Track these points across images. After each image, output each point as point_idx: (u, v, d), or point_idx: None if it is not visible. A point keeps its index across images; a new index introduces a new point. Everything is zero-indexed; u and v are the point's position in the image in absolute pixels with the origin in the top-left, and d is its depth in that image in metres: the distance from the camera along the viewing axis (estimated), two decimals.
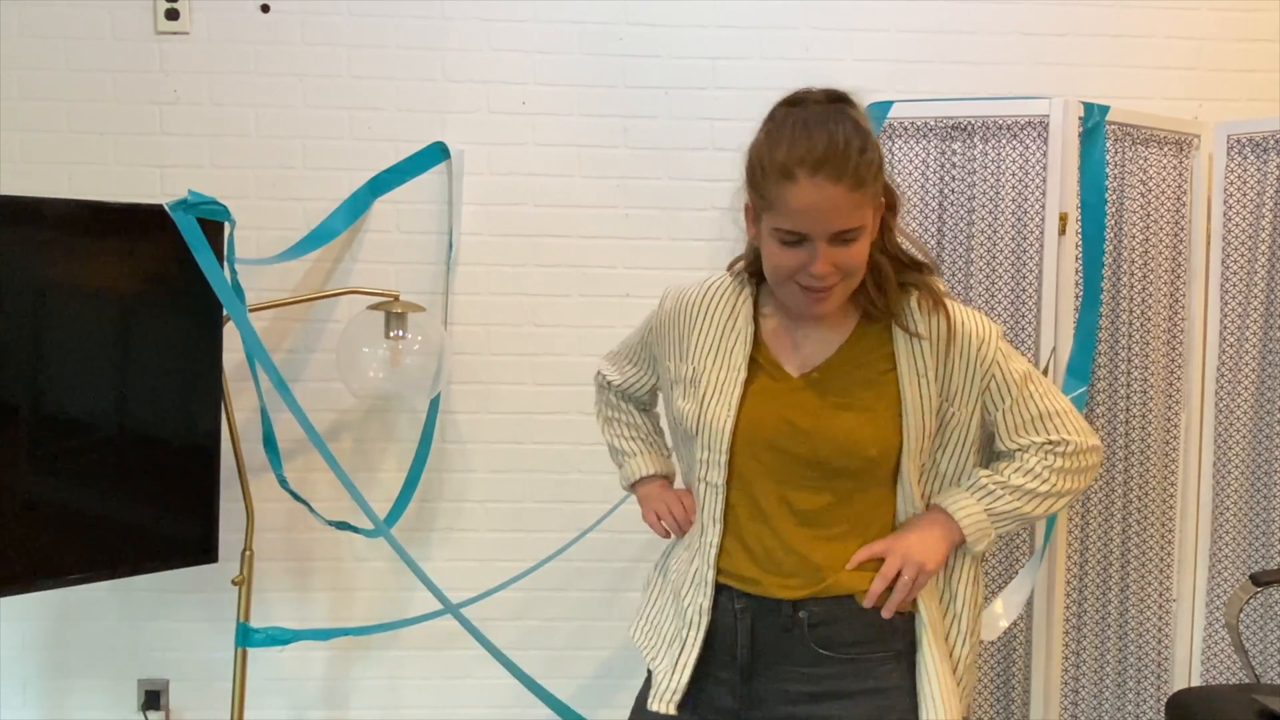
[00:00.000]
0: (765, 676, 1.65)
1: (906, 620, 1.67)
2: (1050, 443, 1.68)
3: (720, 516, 1.65)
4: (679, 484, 1.91)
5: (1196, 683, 3.04)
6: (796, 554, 1.63)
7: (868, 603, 1.61)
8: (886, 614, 1.62)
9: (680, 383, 1.71)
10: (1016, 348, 2.88)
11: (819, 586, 1.62)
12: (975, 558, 1.72)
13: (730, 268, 1.78)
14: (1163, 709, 2.80)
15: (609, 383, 1.98)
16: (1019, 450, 1.70)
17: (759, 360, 1.67)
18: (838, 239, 1.54)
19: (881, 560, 1.63)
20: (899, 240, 1.67)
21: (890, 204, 1.65)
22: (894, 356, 1.64)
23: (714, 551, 1.66)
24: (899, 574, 1.61)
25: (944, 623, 1.69)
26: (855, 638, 1.63)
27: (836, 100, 1.59)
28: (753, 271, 1.72)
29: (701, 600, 1.65)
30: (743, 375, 1.65)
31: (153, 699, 3.13)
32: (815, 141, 1.52)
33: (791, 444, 1.62)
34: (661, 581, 1.81)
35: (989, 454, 1.76)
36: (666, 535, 1.84)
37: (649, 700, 1.67)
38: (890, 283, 1.64)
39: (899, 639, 1.66)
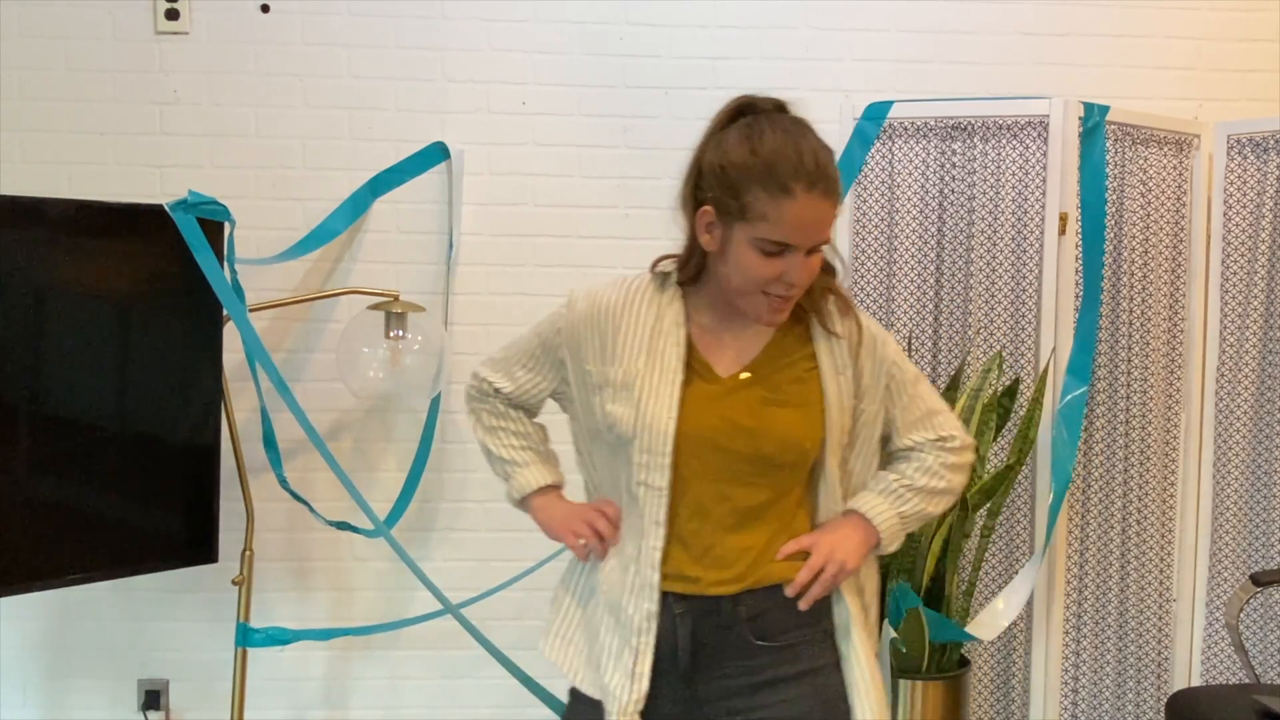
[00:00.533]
0: (706, 676, 1.68)
1: (826, 602, 1.74)
2: (940, 439, 1.78)
3: (664, 519, 1.66)
4: (571, 493, 1.89)
5: (1196, 683, 3.04)
6: (736, 548, 1.67)
7: (790, 592, 1.67)
8: (804, 605, 1.68)
9: (609, 386, 1.70)
10: (1016, 348, 2.88)
11: (754, 578, 1.67)
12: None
13: (653, 267, 1.78)
14: (1163, 709, 2.80)
15: (495, 390, 1.88)
16: (914, 449, 1.79)
17: (691, 362, 1.70)
18: (813, 249, 1.61)
19: (808, 553, 1.70)
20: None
21: None
22: (815, 355, 1.71)
23: (657, 555, 1.66)
24: (823, 568, 1.68)
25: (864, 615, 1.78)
26: (787, 624, 1.69)
27: (786, 110, 1.70)
28: (685, 274, 1.74)
29: (649, 605, 1.66)
30: (679, 377, 1.67)
31: (153, 699, 3.13)
32: (806, 157, 1.59)
33: (735, 442, 1.66)
34: (585, 596, 1.79)
35: (883, 456, 1.83)
36: (585, 558, 1.77)
37: (611, 713, 1.67)
38: (816, 285, 1.70)
39: (824, 619, 1.73)
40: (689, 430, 1.66)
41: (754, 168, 1.59)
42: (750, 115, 1.67)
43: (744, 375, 1.69)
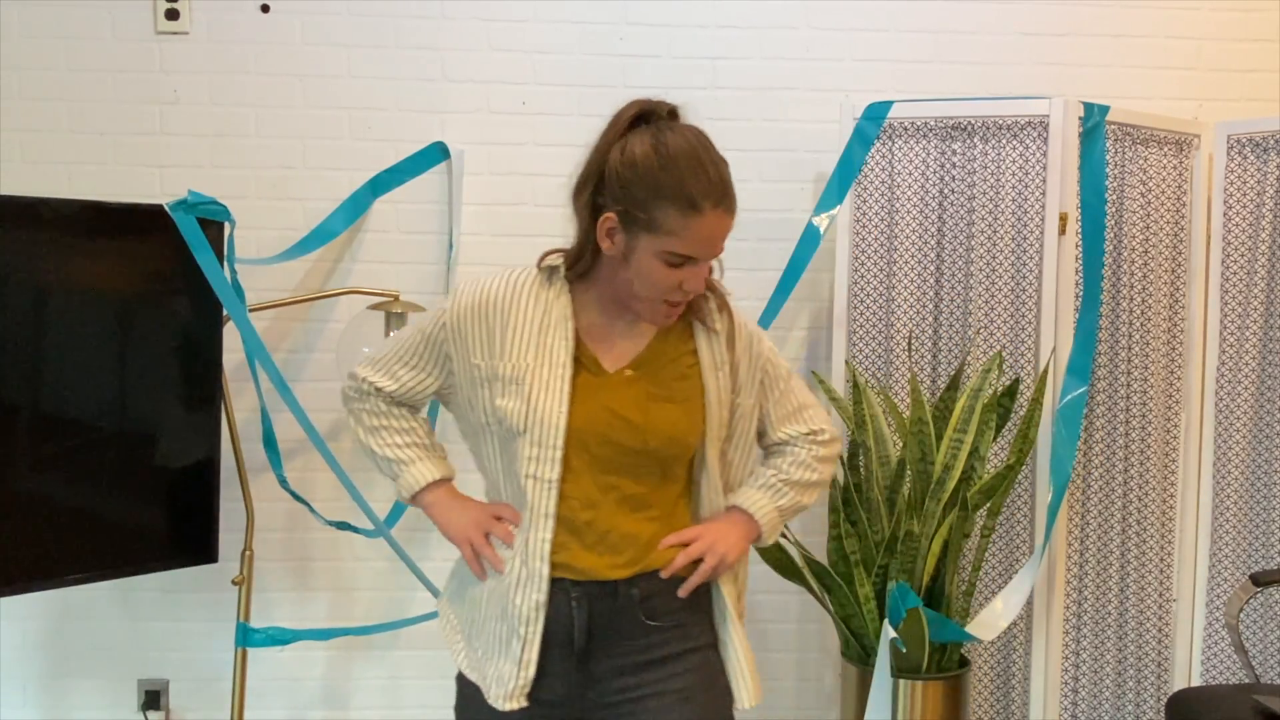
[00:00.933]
0: (600, 656, 1.74)
1: (707, 588, 1.83)
2: (811, 433, 1.89)
3: (552, 511, 1.71)
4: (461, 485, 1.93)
5: (1196, 683, 3.04)
6: (626, 535, 1.74)
7: (665, 573, 1.75)
8: (682, 593, 1.76)
9: (498, 380, 1.74)
10: (1016, 348, 2.88)
11: (644, 564, 1.75)
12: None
13: (540, 261, 1.79)
14: (1163, 709, 2.80)
15: (376, 389, 1.87)
16: (787, 443, 1.89)
17: (579, 357, 1.74)
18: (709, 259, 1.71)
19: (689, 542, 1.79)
20: None
21: None
22: (697, 352, 1.79)
23: (547, 547, 1.71)
24: (703, 558, 1.77)
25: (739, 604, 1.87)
26: (674, 606, 1.77)
27: (678, 118, 1.75)
28: (575, 270, 1.77)
29: (537, 596, 1.71)
30: (569, 371, 1.72)
31: (153, 699, 3.13)
32: (713, 174, 1.66)
33: (623, 437, 1.72)
34: (474, 583, 1.83)
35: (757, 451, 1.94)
36: (483, 576, 1.79)
37: (495, 703, 1.72)
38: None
39: (705, 603, 1.83)
40: (578, 424, 1.71)
41: (665, 185, 1.64)
42: (650, 123, 1.72)
43: (629, 372, 1.76)
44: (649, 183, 1.64)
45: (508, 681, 1.72)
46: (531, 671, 1.71)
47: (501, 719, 1.73)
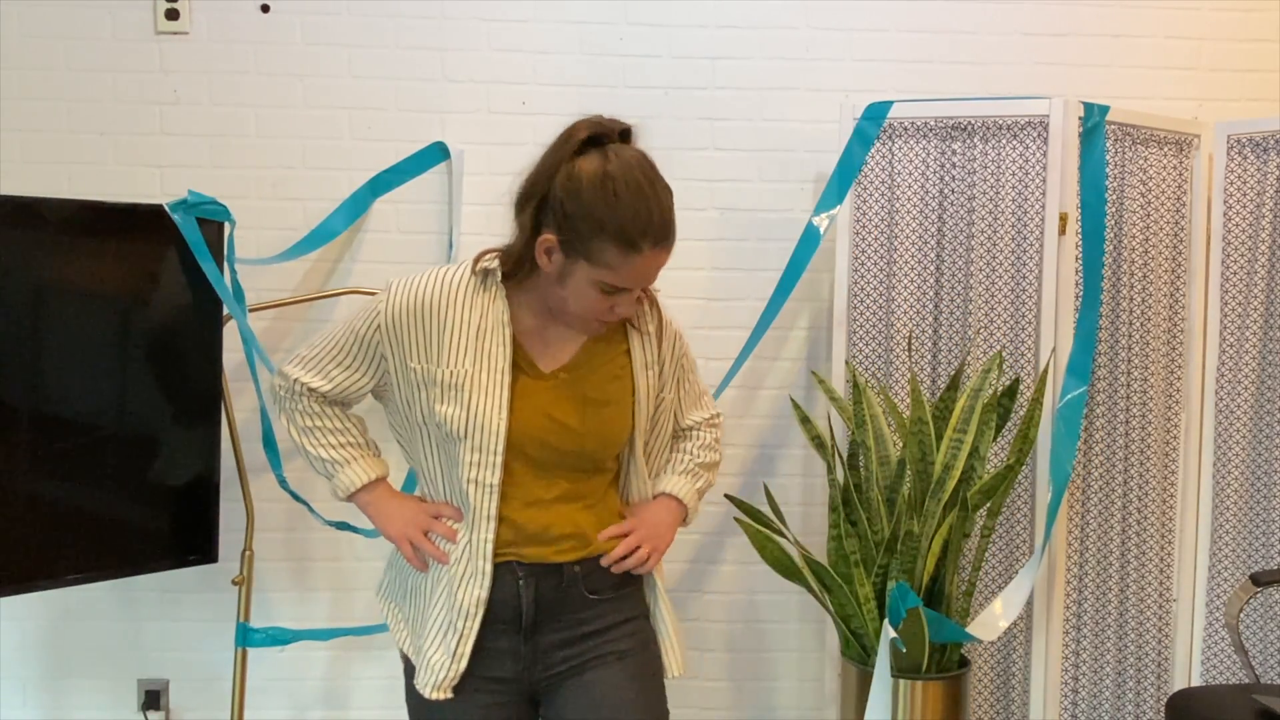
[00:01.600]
0: (546, 630, 1.83)
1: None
2: (710, 417, 2.04)
3: (494, 513, 1.77)
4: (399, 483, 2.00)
5: (1196, 683, 3.04)
6: (567, 526, 1.82)
7: (606, 562, 1.85)
8: (617, 570, 1.86)
9: (436, 385, 1.75)
10: (1016, 348, 2.88)
11: (586, 550, 1.84)
12: None
13: (475, 262, 1.79)
14: (1163, 709, 2.80)
15: (309, 390, 1.85)
16: (693, 428, 2.02)
17: (517, 360, 1.78)
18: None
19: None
20: None
21: None
22: (629, 353, 1.87)
23: (490, 546, 1.78)
24: (639, 546, 1.88)
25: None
26: (613, 581, 1.87)
27: (630, 139, 1.74)
28: (512, 276, 1.77)
29: (479, 592, 1.77)
30: (508, 377, 1.75)
31: (153, 699, 3.13)
32: (654, 212, 1.66)
33: (560, 440, 1.78)
34: (416, 580, 1.88)
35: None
36: (424, 568, 1.85)
37: (422, 689, 1.80)
38: None
39: (637, 576, 1.93)
40: (517, 430, 1.75)
41: (607, 224, 1.64)
42: (601, 146, 1.69)
43: (563, 375, 1.80)
44: (592, 217, 1.64)
45: (438, 671, 1.78)
46: (463, 665, 1.77)
47: (448, 706, 1.80)
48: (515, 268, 1.75)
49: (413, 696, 1.86)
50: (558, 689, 1.85)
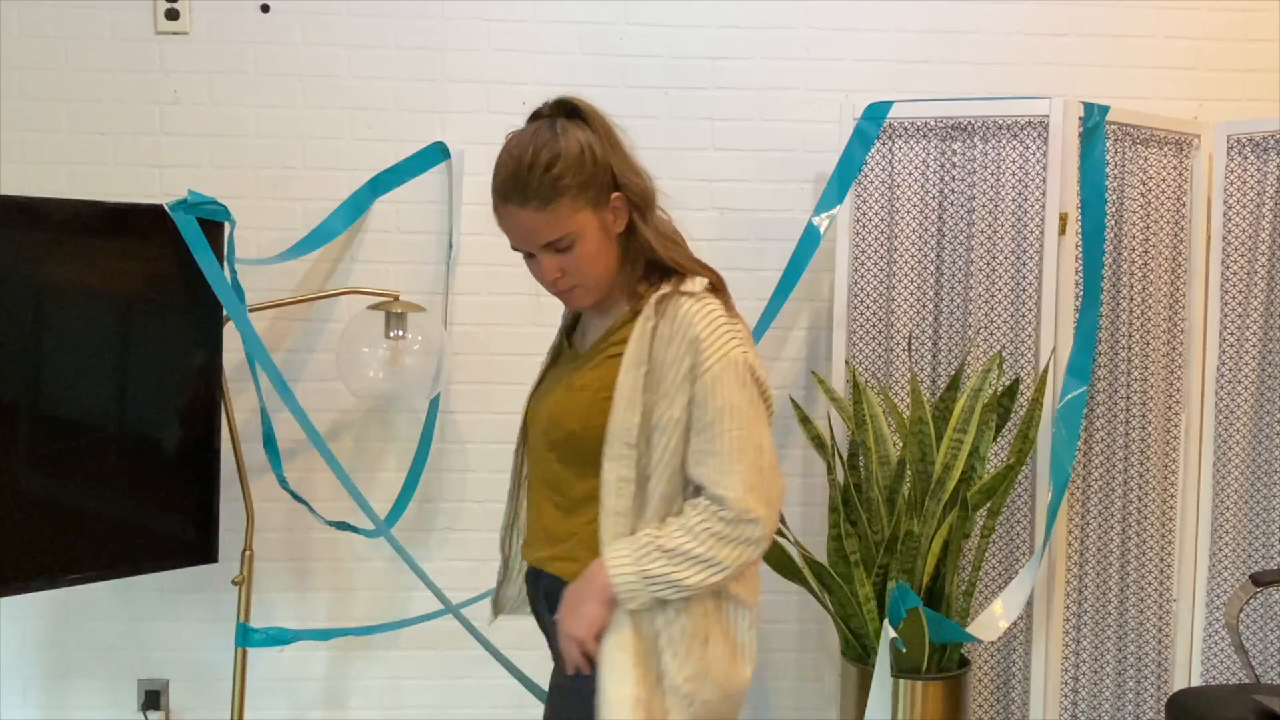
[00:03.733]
0: (549, 621, 1.83)
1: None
2: (716, 497, 1.64)
3: (516, 493, 1.95)
4: None
5: (1196, 683, 3.04)
6: (542, 523, 1.82)
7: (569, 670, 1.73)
8: (569, 671, 1.72)
9: None
10: (1016, 348, 2.87)
11: (545, 555, 1.81)
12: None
13: None
14: (1163, 709, 2.80)
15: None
16: (697, 494, 1.68)
17: (561, 348, 1.91)
18: (553, 250, 1.71)
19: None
20: (648, 238, 1.77)
21: (636, 205, 1.76)
22: (626, 343, 1.72)
23: (520, 522, 1.94)
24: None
25: (645, 642, 1.69)
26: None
27: (562, 113, 1.76)
28: None
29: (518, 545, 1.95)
30: (544, 367, 1.91)
31: (153, 699, 3.13)
32: (503, 170, 1.69)
33: (535, 422, 1.84)
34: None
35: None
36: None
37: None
38: (629, 274, 1.77)
39: None
40: (528, 414, 1.88)
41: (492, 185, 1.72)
42: (527, 124, 1.78)
43: (577, 358, 1.83)
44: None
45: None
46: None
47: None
48: None
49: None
50: None
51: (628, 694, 1.64)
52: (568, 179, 1.67)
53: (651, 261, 1.77)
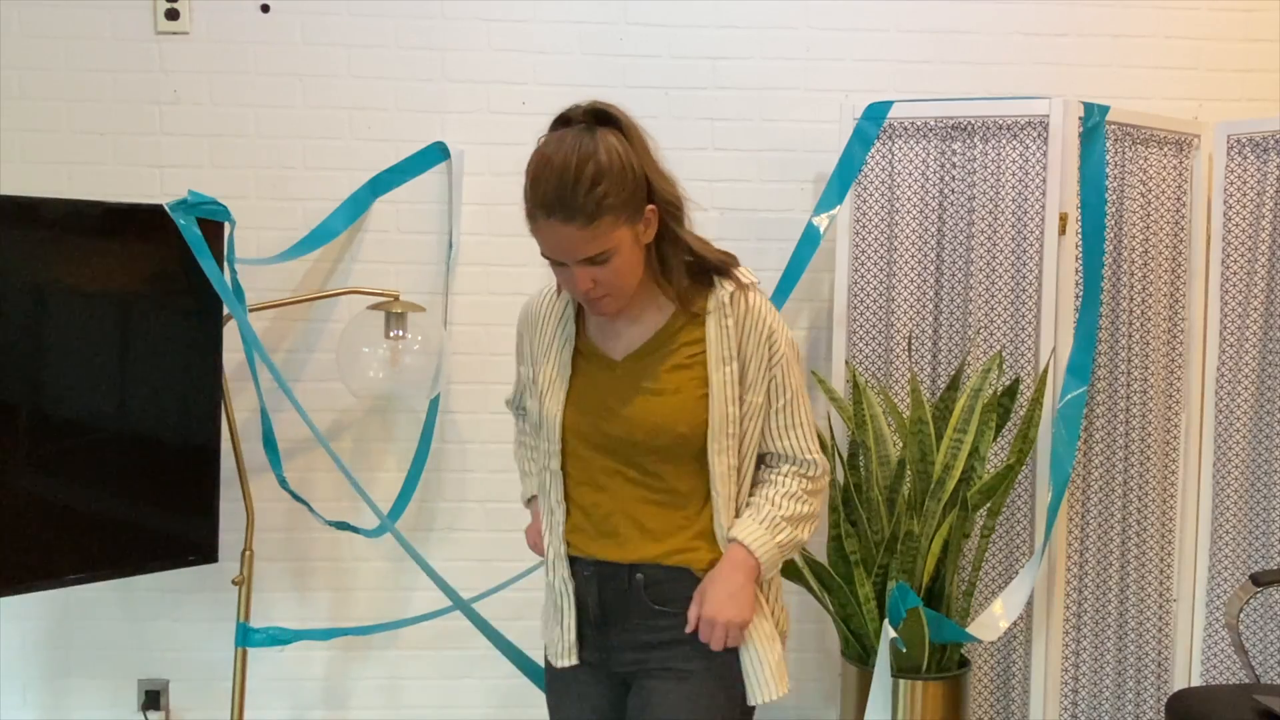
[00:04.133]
0: (615, 630, 1.86)
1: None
2: (803, 462, 1.86)
3: (563, 498, 1.86)
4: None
5: (1196, 683, 3.04)
6: (632, 521, 1.82)
7: (689, 630, 1.81)
8: (717, 647, 1.80)
9: (532, 384, 1.91)
10: (1016, 348, 2.87)
11: (653, 553, 1.82)
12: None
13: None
14: (1163, 709, 2.80)
15: (509, 400, 2.14)
16: (776, 468, 1.87)
17: (583, 351, 1.86)
18: (589, 262, 1.71)
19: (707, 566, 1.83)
20: (689, 243, 1.82)
21: (671, 213, 1.79)
22: (705, 341, 1.81)
23: (562, 528, 1.86)
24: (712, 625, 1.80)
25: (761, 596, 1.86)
26: (684, 593, 1.82)
27: (597, 121, 1.73)
28: None
29: (563, 573, 1.87)
30: (569, 370, 1.85)
31: (153, 699, 3.13)
32: (547, 184, 1.68)
33: (612, 427, 1.81)
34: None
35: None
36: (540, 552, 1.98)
37: (554, 658, 1.91)
38: (679, 280, 1.81)
39: None
40: (573, 419, 1.83)
41: (525, 192, 1.74)
42: (554, 131, 1.76)
43: (629, 362, 1.82)
44: (523, 190, 1.75)
45: (557, 643, 1.89)
46: (571, 637, 1.87)
47: (564, 674, 1.91)
48: None
49: (546, 671, 1.98)
50: (629, 685, 1.89)
51: (779, 653, 1.85)
52: (611, 197, 1.68)
53: (691, 261, 1.82)
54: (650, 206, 1.75)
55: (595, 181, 1.66)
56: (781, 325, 1.84)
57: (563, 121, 1.75)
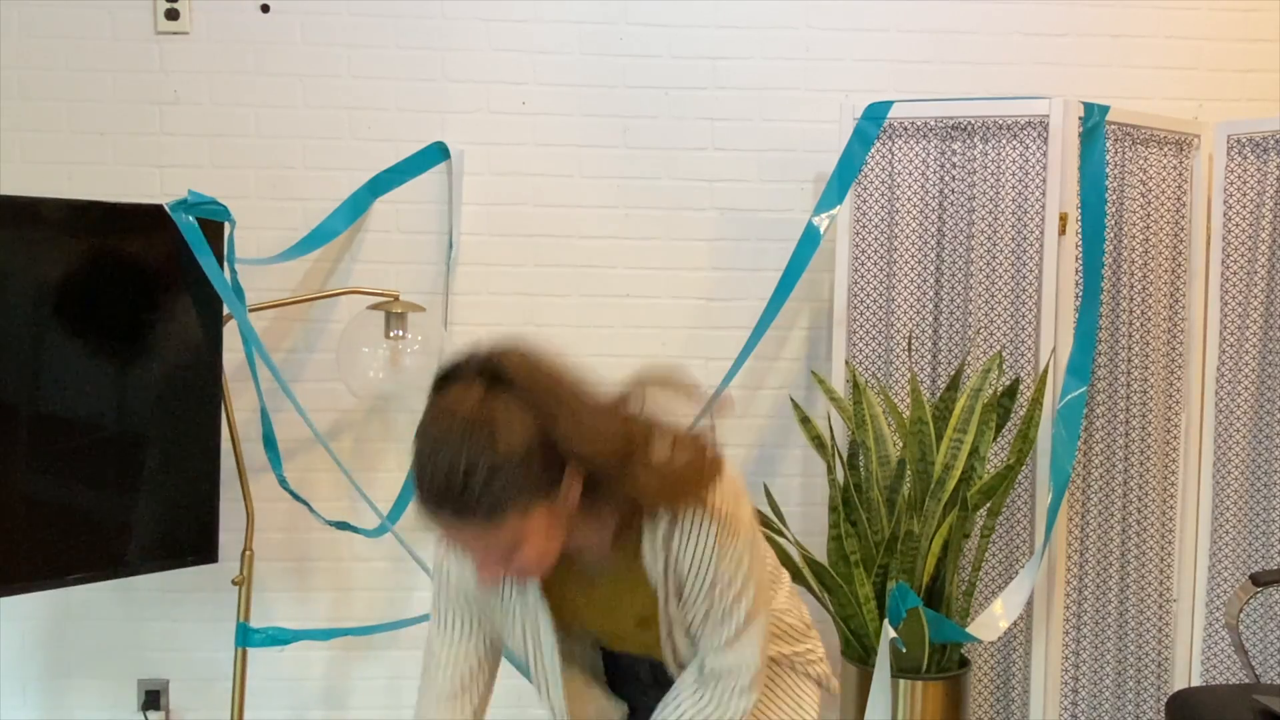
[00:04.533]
0: None
1: None
2: (727, 667, 1.61)
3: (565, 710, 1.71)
4: None
5: (1196, 683, 3.04)
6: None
7: None
8: None
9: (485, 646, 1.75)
10: (1016, 348, 2.87)
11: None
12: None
13: None
14: (1163, 709, 2.80)
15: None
16: (706, 661, 1.64)
17: (560, 627, 1.67)
18: (498, 551, 1.42)
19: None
20: (637, 489, 1.47)
21: (599, 465, 1.42)
22: (641, 558, 1.57)
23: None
24: None
25: None
26: None
27: (489, 379, 1.39)
28: None
29: None
30: (556, 657, 1.67)
31: (153, 699, 3.13)
32: (434, 481, 1.36)
33: (624, 647, 1.76)
34: None
35: None
36: None
37: None
38: (608, 525, 1.55)
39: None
40: (573, 694, 1.70)
41: (412, 476, 1.42)
42: (436, 395, 1.44)
43: (594, 625, 1.68)
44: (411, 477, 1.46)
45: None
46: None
47: None
48: None
49: None
50: None
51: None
52: (512, 489, 1.36)
53: (629, 506, 1.52)
54: (569, 471, 1.41)
55: (490, 478, 1.34)
56: (728, 543, 1.55)
57: (452, 376, 1.42)
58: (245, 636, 2.80)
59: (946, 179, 2.95)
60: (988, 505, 2.75)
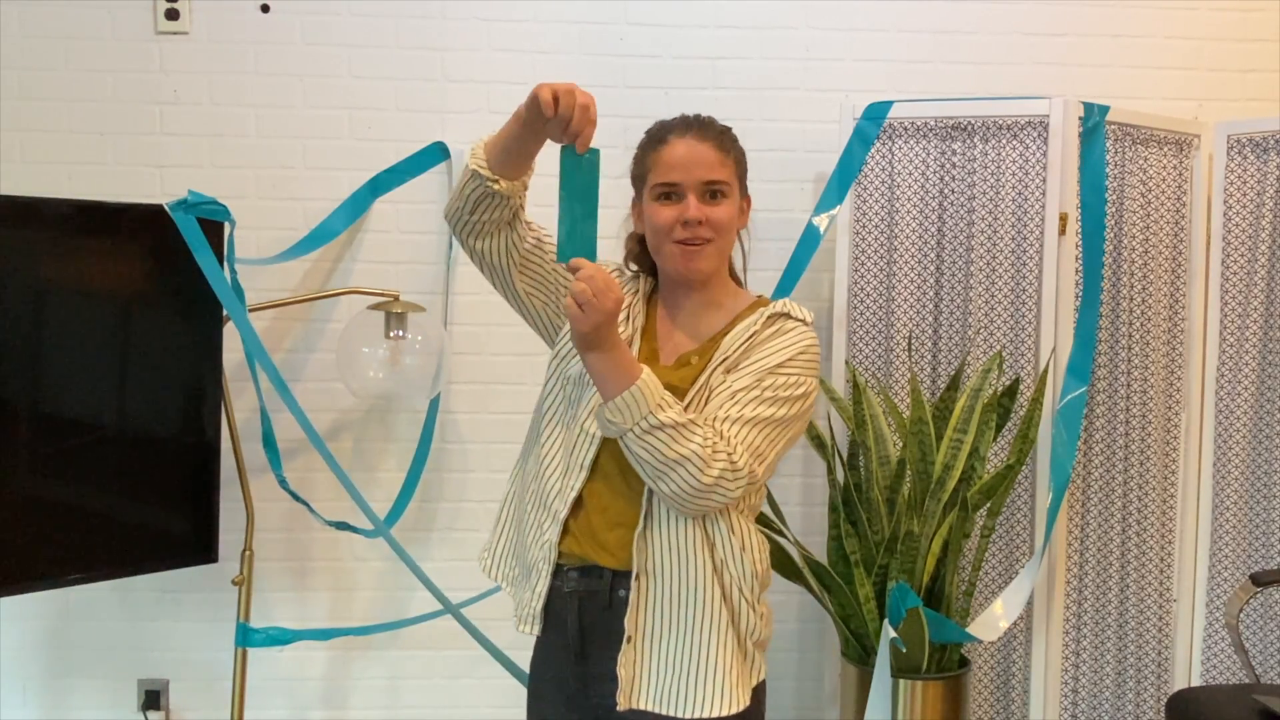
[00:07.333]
0: (594, 656, 1.91)
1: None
2: (722, 441, 1.71)
3: (588, 464, 1.81)
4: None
5: (1196, 683, 3.04)
6: (622, 512, 1.80)
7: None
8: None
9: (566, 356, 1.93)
10: (1016, 348, 2.87)
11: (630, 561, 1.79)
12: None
13: (625, 265, 2.00)
14: (1163, 709, 2.80)
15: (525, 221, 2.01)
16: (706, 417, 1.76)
17: (643, 351, 1.87)
18: (707, 191, 1.80)
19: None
20: (743, 253, 1.97)
21: (743, 209, 1.90)
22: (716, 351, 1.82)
23: (574, 494, 1.82)
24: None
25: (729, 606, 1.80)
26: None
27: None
28: (640, 265, 1.97)
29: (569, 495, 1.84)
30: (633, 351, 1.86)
31: (153, 699, 3.13)
32: (685, 116, 1.87)
33: None
34: (518, 514, 1.95)
35: None
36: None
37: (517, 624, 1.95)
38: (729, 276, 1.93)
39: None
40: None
41: (646, 139, 1.89)
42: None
43: (665, 371, 1.82)
44: (639, 148, 1.90)
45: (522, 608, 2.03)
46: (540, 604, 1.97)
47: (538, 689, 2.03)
48: (631, 256, 1.97)
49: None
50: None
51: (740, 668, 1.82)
52: (737, 151, 1.86)
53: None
54: (747, 199, 1.90)
55: (726, 131, 1.86)
56: (800, 338, 1.80)
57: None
58: (245, 636, 2.80)
59: (946, 179, 2.95)
60: (988, 505, 2.75)
